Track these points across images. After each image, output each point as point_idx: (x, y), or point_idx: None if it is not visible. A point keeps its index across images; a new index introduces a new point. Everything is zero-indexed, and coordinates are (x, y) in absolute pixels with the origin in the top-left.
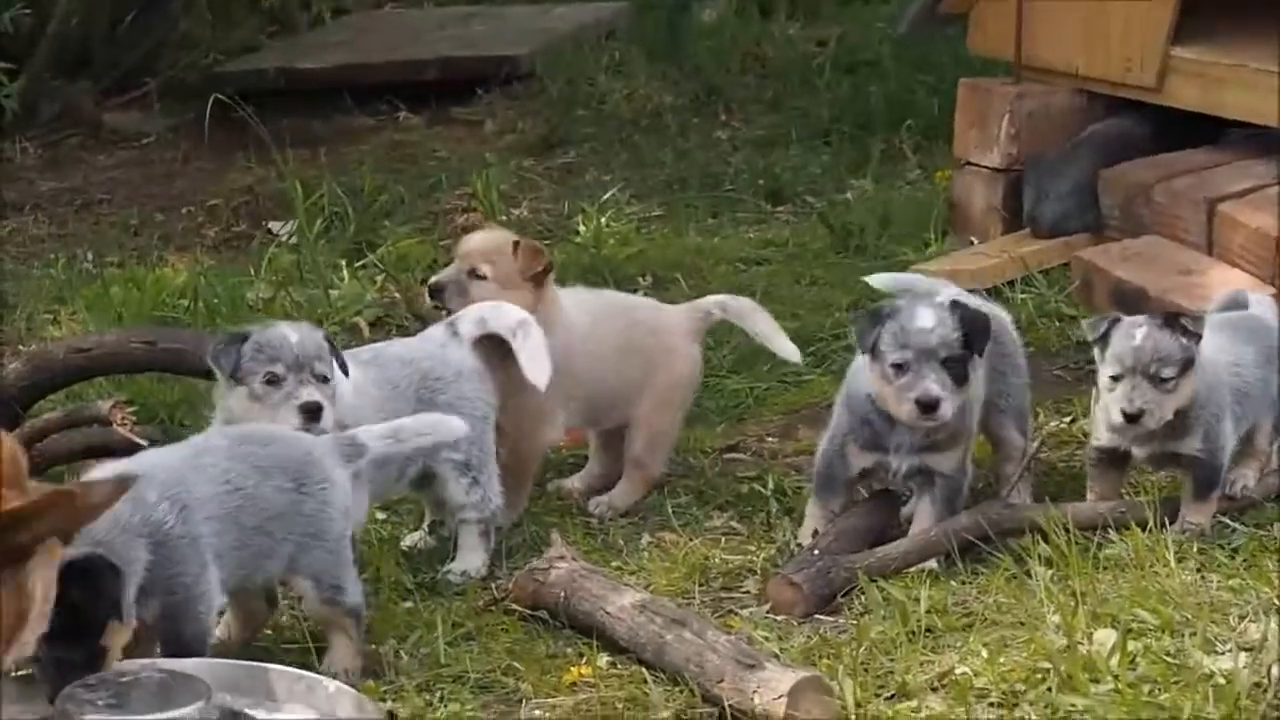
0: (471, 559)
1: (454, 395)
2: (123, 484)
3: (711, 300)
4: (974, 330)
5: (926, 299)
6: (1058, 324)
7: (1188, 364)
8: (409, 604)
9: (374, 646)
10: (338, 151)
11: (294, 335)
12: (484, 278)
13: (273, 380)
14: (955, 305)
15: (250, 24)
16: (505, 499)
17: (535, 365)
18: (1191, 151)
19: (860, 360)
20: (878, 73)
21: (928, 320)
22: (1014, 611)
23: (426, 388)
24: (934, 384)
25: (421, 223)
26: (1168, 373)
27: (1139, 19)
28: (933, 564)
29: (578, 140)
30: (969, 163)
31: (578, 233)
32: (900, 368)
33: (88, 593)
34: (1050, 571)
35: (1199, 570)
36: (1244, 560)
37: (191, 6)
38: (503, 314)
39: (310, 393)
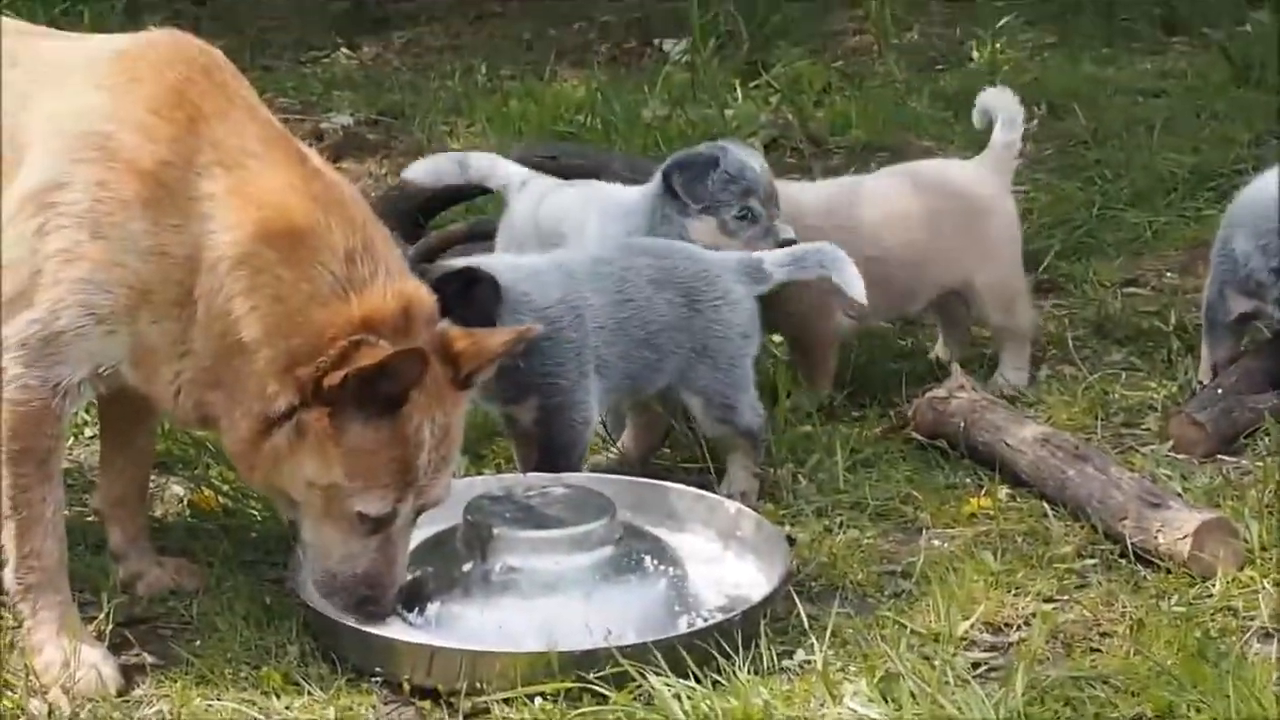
0: None
1: None
2: (524, 333)
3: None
4: None
5: None
6: None
7: None
8: (807, 428)
9: (772, 470)
10: None
11: (758, 164)
12: None
13: (748, 215)
14: None
15: None
16: (811, 379)
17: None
18: None
19: (1241, 206)
20: None
21: None
22: None
23: None
24: None
25: (813, 44)
26: None
27: None
28: None
29: None
30: None
31: (970, 59)
32: None
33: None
34: None
35: None
36: None
37: None
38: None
39: (788, 230)
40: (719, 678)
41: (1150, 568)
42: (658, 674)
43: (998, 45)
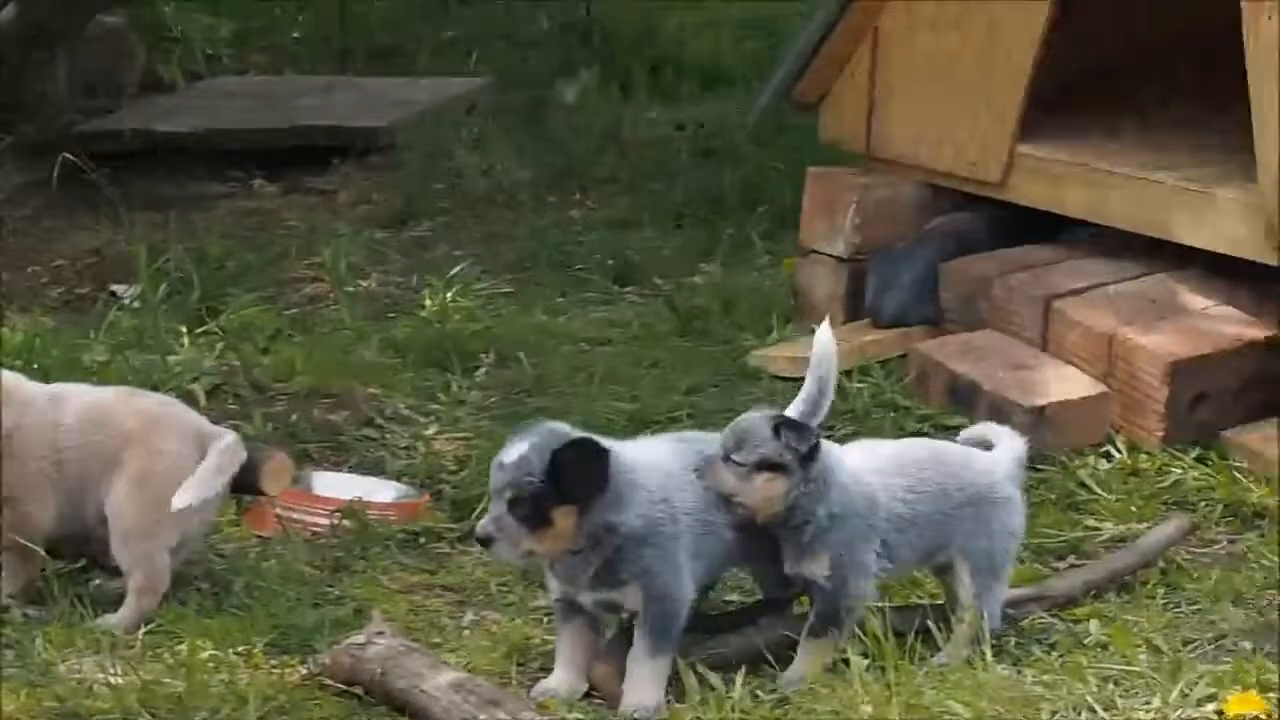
0: None
1: None
2: None
3: None
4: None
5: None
6: (893, 414)
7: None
8: (222, 675)
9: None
10: (189, 216)
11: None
12: None
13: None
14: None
15: (109, 85)
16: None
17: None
18: (1031, 248)
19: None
20: (732, 158)
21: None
22: (828, 701)
23: None
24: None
25: (267, 291)
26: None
27: (985, 115)
28: None
29: (432, 214)
30: (815, 251)
31: (423, 307)
32: None
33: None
34: (867, 662)
35: (1015, 664)
36: (1059, 656)
37: (50, 67)
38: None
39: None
40: None
41: None
42: None
43: (450, 294)
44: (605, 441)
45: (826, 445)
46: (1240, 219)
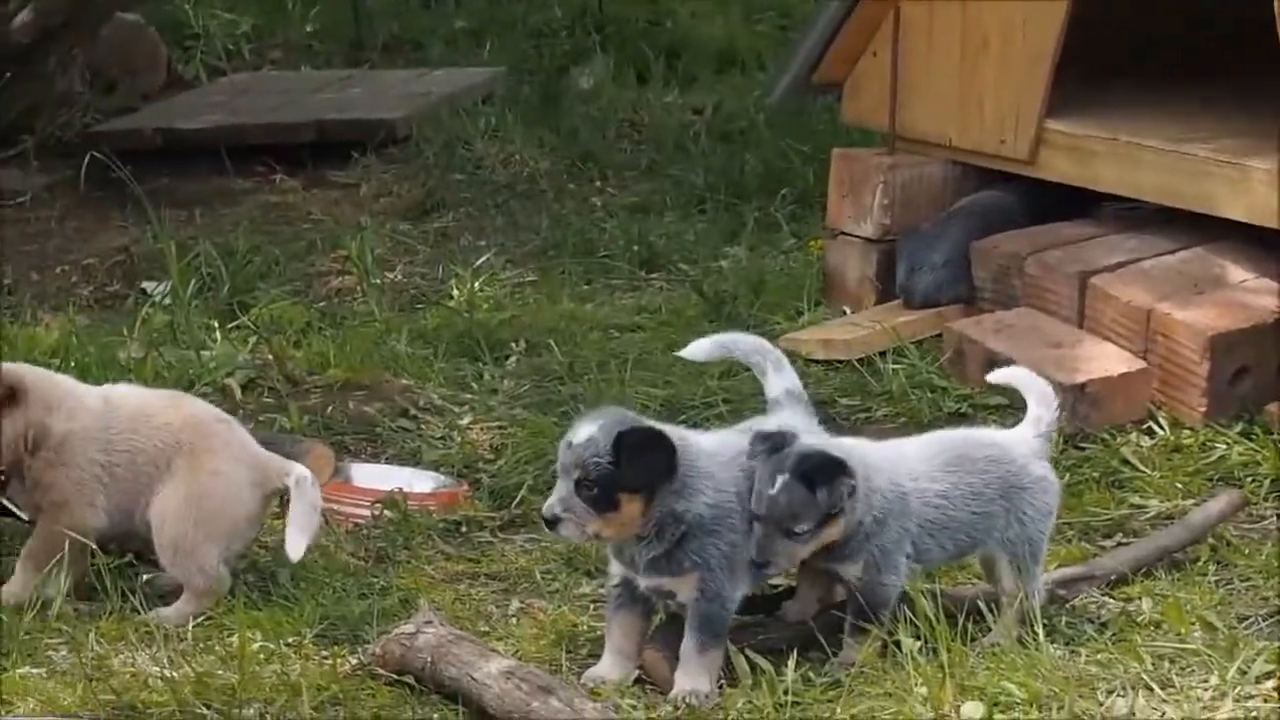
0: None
1: None
2: None
3: None
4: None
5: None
6: (930, 395)
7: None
8: (274, 667)
9: (238, 710)
10: (213, 212)
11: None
12: None
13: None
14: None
15: (128, 84)
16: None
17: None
18: (1064, 224)
19: None
20: (753, 141)
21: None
22: (881, 683)
23: None
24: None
25: (295, 285)
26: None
27: (1012, 91)
28: None
29: (453, 205)
30: (842, 233)
31: (451, 297)
32: None
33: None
34: (919, 644)
35: (1068, 644)
36: (1112, 635)
37: (69, 66)
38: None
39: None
40: None
41: None
42: None
43: (477, 284)
44: (676, 430)
45: (860, 454)
46: (1275, 190)
